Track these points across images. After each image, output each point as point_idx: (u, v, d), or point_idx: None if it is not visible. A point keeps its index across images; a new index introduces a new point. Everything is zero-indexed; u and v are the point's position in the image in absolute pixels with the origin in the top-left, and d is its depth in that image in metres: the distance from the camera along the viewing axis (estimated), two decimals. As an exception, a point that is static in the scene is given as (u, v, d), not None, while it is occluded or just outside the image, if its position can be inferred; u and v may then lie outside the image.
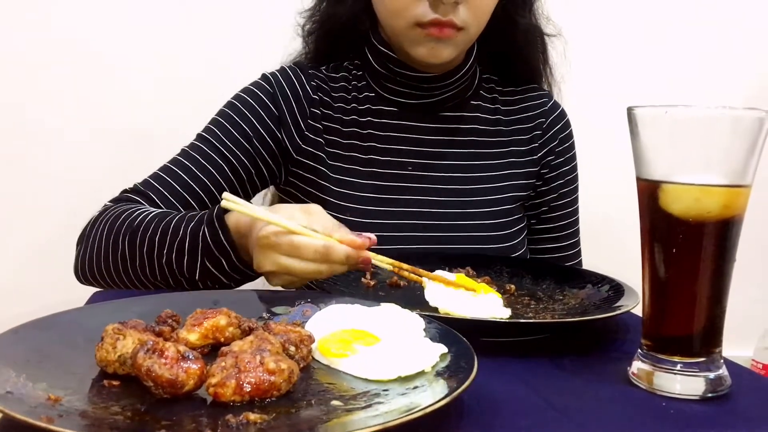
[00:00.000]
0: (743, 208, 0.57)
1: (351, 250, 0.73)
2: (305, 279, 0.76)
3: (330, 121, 1.03)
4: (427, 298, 0.75)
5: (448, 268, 0.85)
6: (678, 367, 0.57)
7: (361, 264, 0.75)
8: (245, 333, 0.57)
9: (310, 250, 0.72)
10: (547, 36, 1.11)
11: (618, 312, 0.71)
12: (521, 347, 0.68)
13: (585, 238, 1.17)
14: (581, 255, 1.17)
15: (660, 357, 0.58)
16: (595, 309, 0.76)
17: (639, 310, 0.64)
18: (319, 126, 1.02)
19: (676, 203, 0.56)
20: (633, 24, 1.73)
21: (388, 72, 1.03)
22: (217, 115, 1.02)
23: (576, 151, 1.15)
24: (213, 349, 0.56)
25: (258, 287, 0.80)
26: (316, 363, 0.56)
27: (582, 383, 0.60)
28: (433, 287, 0.76)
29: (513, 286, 0.85)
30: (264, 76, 1.04)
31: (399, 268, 0.78)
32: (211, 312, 0.58)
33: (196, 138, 1.01)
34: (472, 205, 1.05)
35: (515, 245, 1.07)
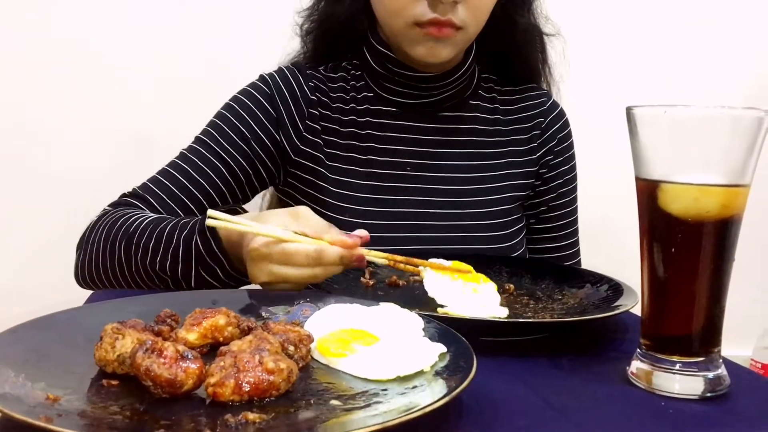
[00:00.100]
0: (742, 207, 0.57)
1: (343, 250, 0.73)
2: (302, 285, 0.76)
3: (328, 122, 1.03)
4: (426, 287, 0.75)
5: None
6: (677, 367, 0.57)
7: (356, 262, 0.74)
8: (244, 332, 0.57)
9: (302, 256, 0.72)
10: (546, 35, 1.11)
11: (617, 311, 0.71)
12: (520, 347, 0.68)
13: (584, 237, 1.17)
14: (580, 255, 1.17)
15: (659, 356, 0.58)
16: (594, 308, 0.76)
17: (638, 309, 0.64)
18: (318, 127, 1.02)
19: (675, 203, 0.57)
20: (632, 23, 1.72)
21: (386, 72, 1.03)
22: (215, 118, 1.02)
23: (575, 151, 1.15)
24: (212, 349, 0.56)
25: (257, 287, 0.80)
26: (315, 362, 0.56)
27: (581, 383, 0.60)
28: (431, 276, 0.76)
29: (512, 285, 0.86)
30: (261, 77, 1.04)
31: (393, 260, 0.78)
32: (210, 311, 0.58)
33: (194, 141, 1.00)
34: (471, 205, 1.04)
35: (514, 245, 1.06)
